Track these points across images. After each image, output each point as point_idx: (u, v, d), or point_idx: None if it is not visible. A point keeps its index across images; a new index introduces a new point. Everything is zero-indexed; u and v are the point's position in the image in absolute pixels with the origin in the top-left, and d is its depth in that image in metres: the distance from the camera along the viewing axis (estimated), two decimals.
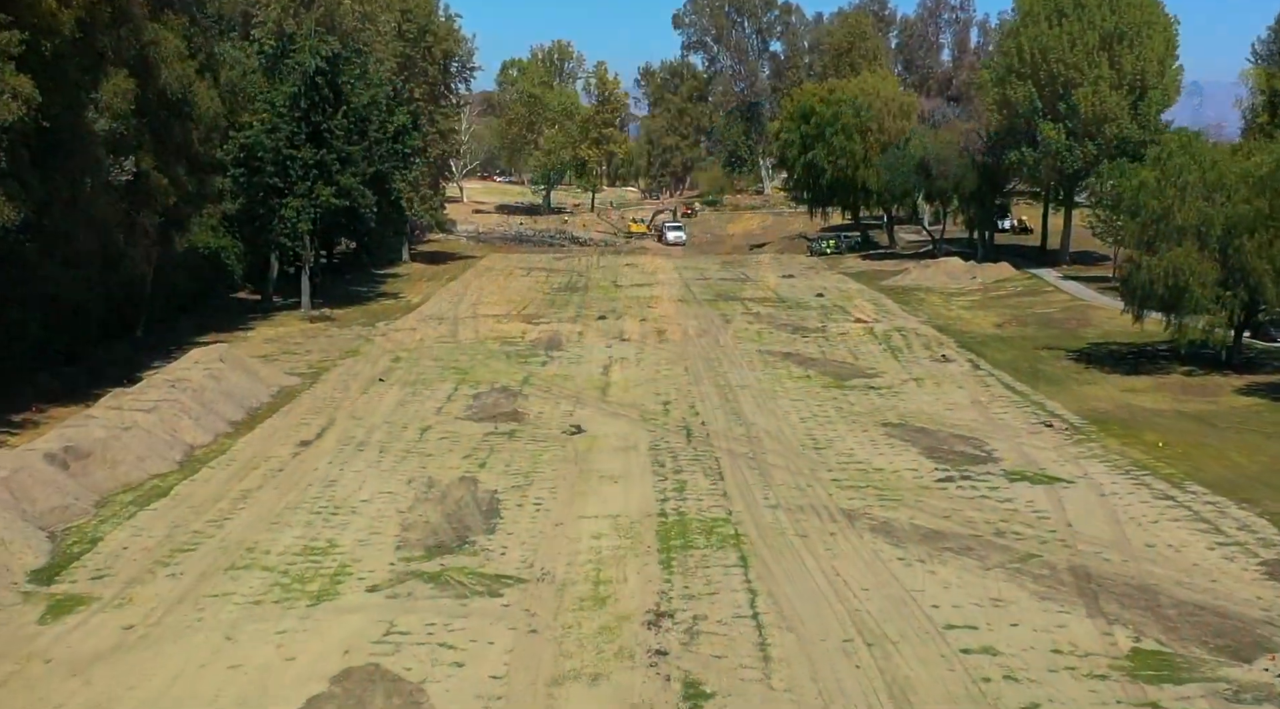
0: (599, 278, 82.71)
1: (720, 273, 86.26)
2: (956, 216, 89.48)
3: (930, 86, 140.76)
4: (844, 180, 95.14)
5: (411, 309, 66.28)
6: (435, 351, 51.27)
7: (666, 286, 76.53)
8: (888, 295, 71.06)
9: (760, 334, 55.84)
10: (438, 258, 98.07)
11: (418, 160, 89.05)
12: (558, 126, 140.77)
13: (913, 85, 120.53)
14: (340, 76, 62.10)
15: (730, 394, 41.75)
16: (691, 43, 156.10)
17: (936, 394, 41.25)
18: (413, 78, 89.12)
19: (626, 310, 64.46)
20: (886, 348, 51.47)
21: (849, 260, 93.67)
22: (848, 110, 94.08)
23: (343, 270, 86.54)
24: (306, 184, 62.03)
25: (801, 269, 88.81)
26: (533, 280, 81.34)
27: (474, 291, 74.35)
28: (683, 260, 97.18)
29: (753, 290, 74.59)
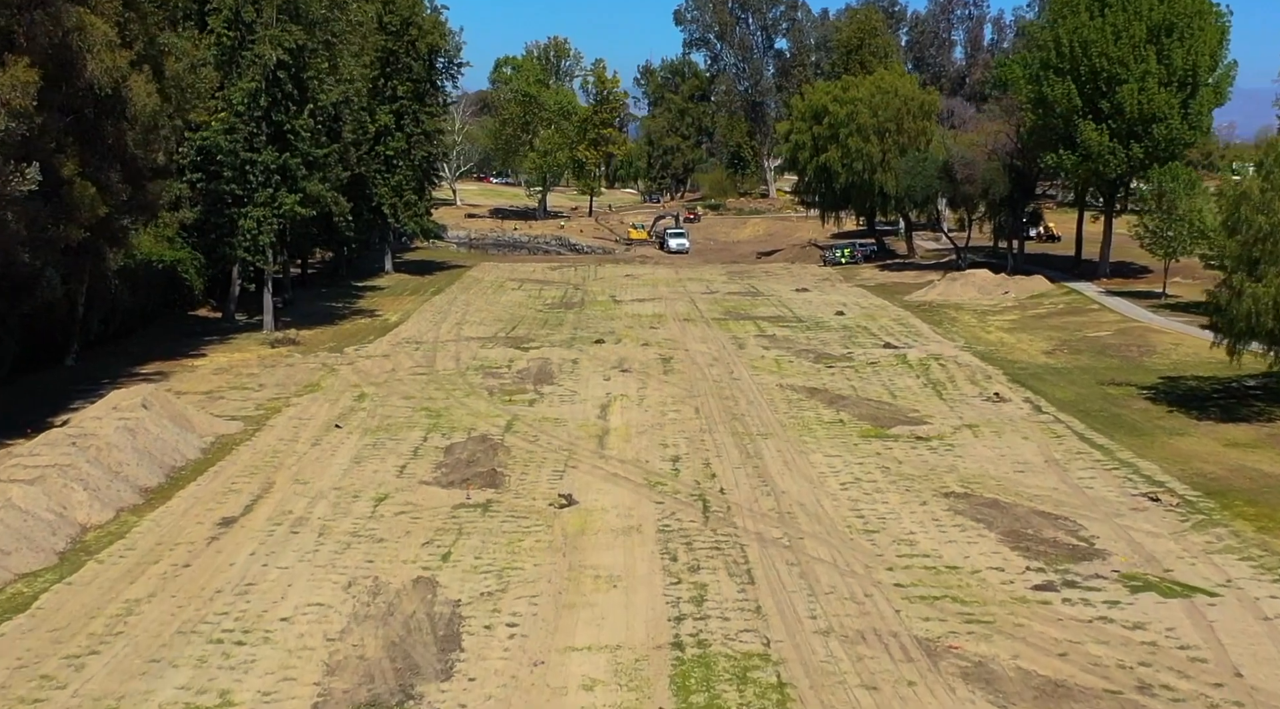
0: (597, 291, 75.74)
1: (728, 285, 79.29)
2: (982, 224, 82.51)
3: (943, 85, 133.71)
4: (859, 184, 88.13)
5: (387, 330, 59.26)
6: (407, 386, 44.27)
7: (670, 302, 69.53)
8: (914, 313, 64.06)
9: (779, 363, 48.86)
10: (425, 267, 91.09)
11: (400, 163, 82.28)
12: (554, 127, 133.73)
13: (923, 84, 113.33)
14: (306, 71, 55.08)
15: (751, 446, 34.79)
16: (694, 40, 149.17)
17: (999, 448, 34.26)
18: (395, 74, 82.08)
19: (627, 332, 57.47)
20: (926, 382, 44.47)
21: (865, 271, 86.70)
22: (864, 110, 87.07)
23: (318, 283, 79.62)
24: (268, 191, 55.04)
25: (815, 281, 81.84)
26: (524, 295, 74.32)
27: (459, 308, 67.32)
28: (686, 270, 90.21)
29: (765, 307, 67.60)
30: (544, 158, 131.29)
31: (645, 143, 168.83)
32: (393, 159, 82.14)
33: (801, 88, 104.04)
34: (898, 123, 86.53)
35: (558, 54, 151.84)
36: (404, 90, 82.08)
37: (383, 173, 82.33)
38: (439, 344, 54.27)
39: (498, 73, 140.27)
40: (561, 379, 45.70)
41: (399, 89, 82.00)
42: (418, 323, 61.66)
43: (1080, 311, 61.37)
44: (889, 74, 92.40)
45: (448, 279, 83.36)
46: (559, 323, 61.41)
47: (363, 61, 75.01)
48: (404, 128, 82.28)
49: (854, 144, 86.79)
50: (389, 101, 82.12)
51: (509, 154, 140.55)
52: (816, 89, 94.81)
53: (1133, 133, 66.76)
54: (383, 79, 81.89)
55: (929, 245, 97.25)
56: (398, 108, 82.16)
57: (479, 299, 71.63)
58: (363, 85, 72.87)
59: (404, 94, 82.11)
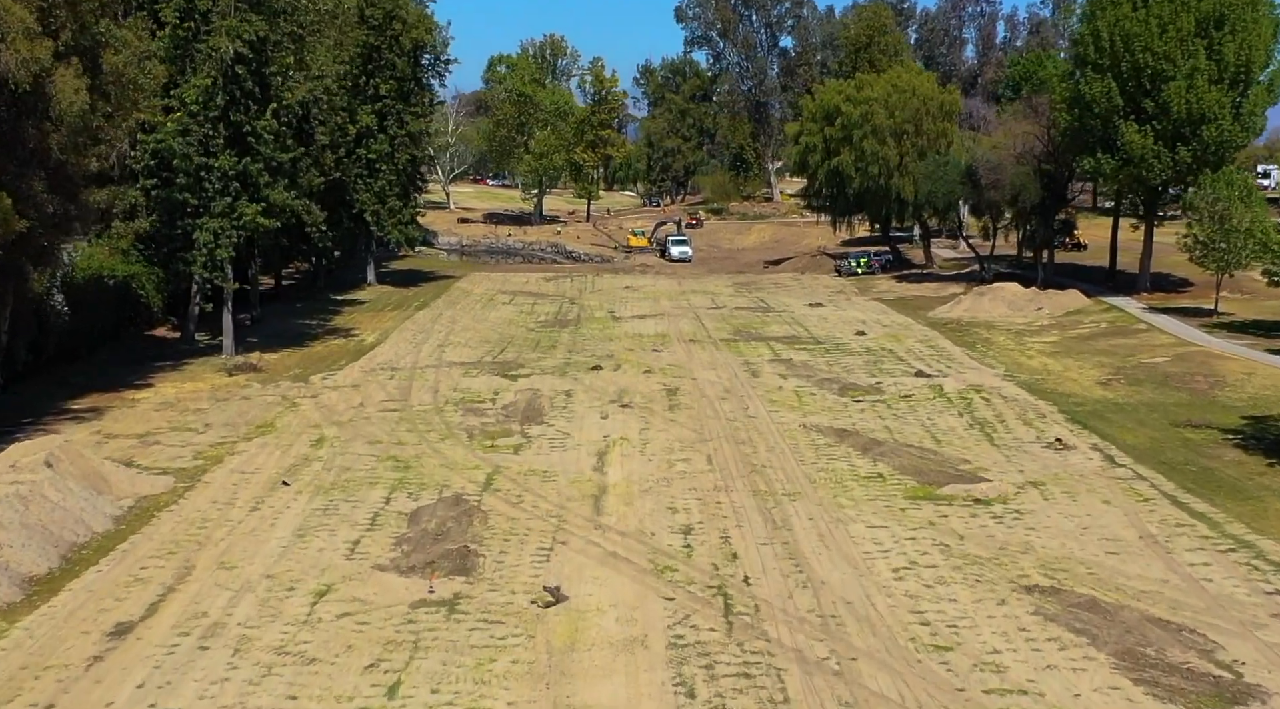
0: (594, 306, 69.77)
1: (735, 298, 73.33)
2: (1008, 233, 76.58)
3: (954, 84, 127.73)
4: (874, 189, 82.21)
5: (362, 353, 53.27)
6: (375, 427, 38.28)
7: (674, 319, 63.54)
8: (942, 333, 58.10)
9: (800, 396, 42.89)
10: (411, 278, 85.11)
11: (384, 167, 76.36)
12: (550, 128, 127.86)
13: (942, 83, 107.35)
14: (268, 66, 49.08)
15: (777, 510, 28.85)
16: (695, 38, 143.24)
17: (1077, 516, 28.29)
18: (378, 72, 76.12)
19: (627, 356, 51.51)
20: (971, 421, 38.51)
21: (881, 282, 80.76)
22: (879, 110, 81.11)
23: (294, 296, 73.67)
24: (226, 200, 49.04)
25: (828, 294, 75.88)
26: (515, 310, 68.32)
27: (443, 326, 61.31)
28: (690, 281, 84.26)
29: (777, 325, 61.61)
30: (540, 160, 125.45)
31: (645, 144, 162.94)
32: (375, 162, 76.25)
33: (812, 87, 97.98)
34: (916, 124, 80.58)
35: (554, 52, 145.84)
36: (387, 89, 76.14)
37: (364, 177, 76.47)
38: (417, 371, 48.27)
39: (491, 72, 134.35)
40: (553, 417, 39.73)
41: (382, 87, 76.09)
42: (396, 344, 55.65)
43: (1127, 332, 55.40)
44: (905, 72, 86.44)
45: (434, 291, 77.37)
46: (552, 344, 55.43)
47: (341, 57, 69.26)
48: (387, 129, 76.35)
49: (869, 147, 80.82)
50: (371, 101, 76.22)
51: (503, 156, 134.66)
52: (828, 88, 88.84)
53: (1179, 135, 60.85)
54: (364, 77, 76.01)
55: (946, 254, 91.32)
56: (380, 107, 76.25)
57: (466, 315, 65.61)
58: (336, 83, 67.21)
59: (387, 93, 76.18)
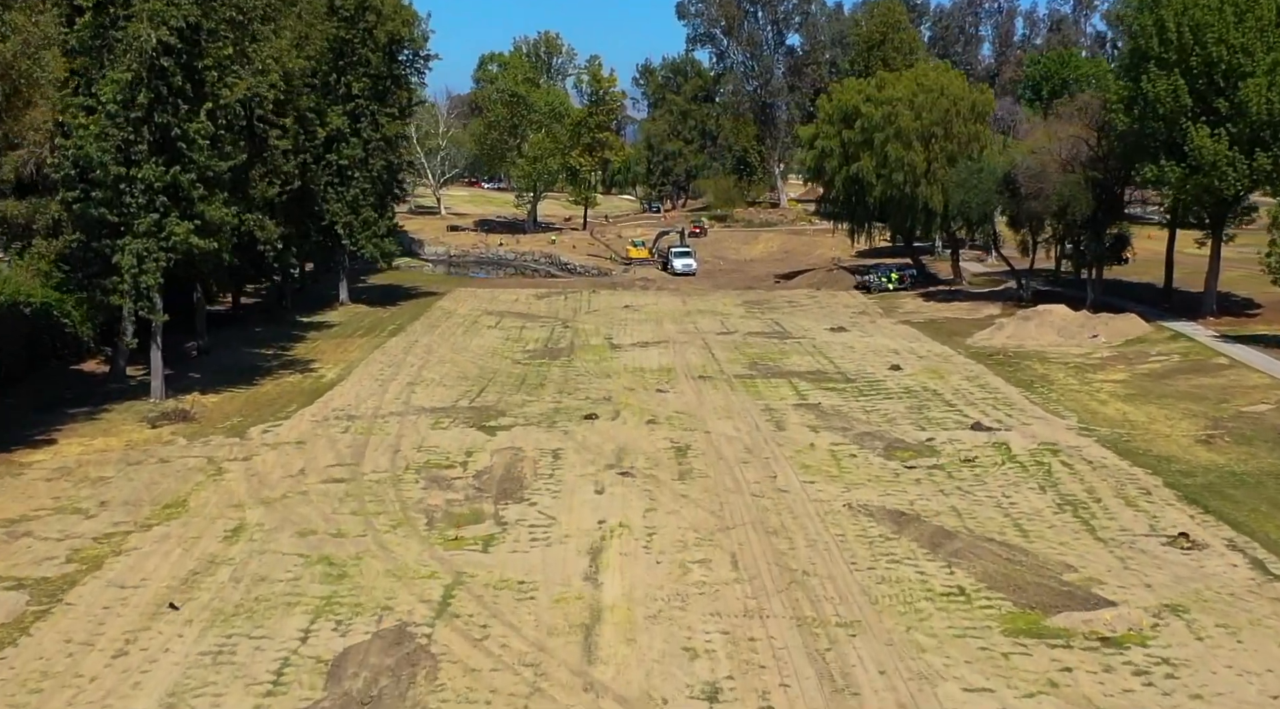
0: (589, 330, 61.88)
1: (747, 321, 65.42)
2: (1050, 247, 68.74)
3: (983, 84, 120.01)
4: (899, 199, 74.33)
5: (318, 394, 45.36)
6: (311, 507, 30.35)
7: (680, 348, 55.65)
8: (989, 367, 50.21)
9: (837, 457, 35.01)
10: (389, 295, 77.21)
11: (357, 174, 68.56)
12: (544, 130, 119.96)
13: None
14: (202, 59, 41.14)
15: (834, 655, 20.94)
16: (698, 35, 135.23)
17: (1250, 669, 20.38)
18: (350, 68, 68.22)
19: (627, 398, 43.63)
20: (1059, 499, 30.60)
21: (906, 301, 72.88)
22: (904, 111, 73.20)
23: (255, 319, 65.77)
24: (152, 217, 41.11)
25: (850, 315, 67.98)
26: (501, 335, 60.40)
27: (417, 357, 53.38)
28: (695, 298, 76.39)
29: (798, 355, 53.71)
30: (533, 164, 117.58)
31: (644, 147, 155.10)
32: (347, 169, 68.34)
33: (827, 86, 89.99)
34: (945, 127, 72.68)
35: (549, 50, 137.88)
36: (360, 87, 68.23)
37: (335, 186, 68.59)
38: (378, 420, 40.35)
39: (482, 71, 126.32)
40: (535, 490, 31.84)
41: (354, 86, 68.17)
42: (360, 382, 47.72)
43: (1207, 369, 47.49)
44: (932, 69, 78.46)
45: (413, 312, 69.44)
46: (539, 382, 47.52)
47: (307, 52, 61.43)
48: (361, 132, 68.42)
49: (893, 151, 72.89)
50: (342, 101, 68.34)
51: (495, 160, 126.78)
52: (846, 87, 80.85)
53: (1257, 139, 53.01)
54: (334, 74, 68.11)
55: (974, 268, 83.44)
56: (353, 108, 68.34)
57: (444, 343, 57.68)
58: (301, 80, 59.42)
59: (360, 92, 68.27)
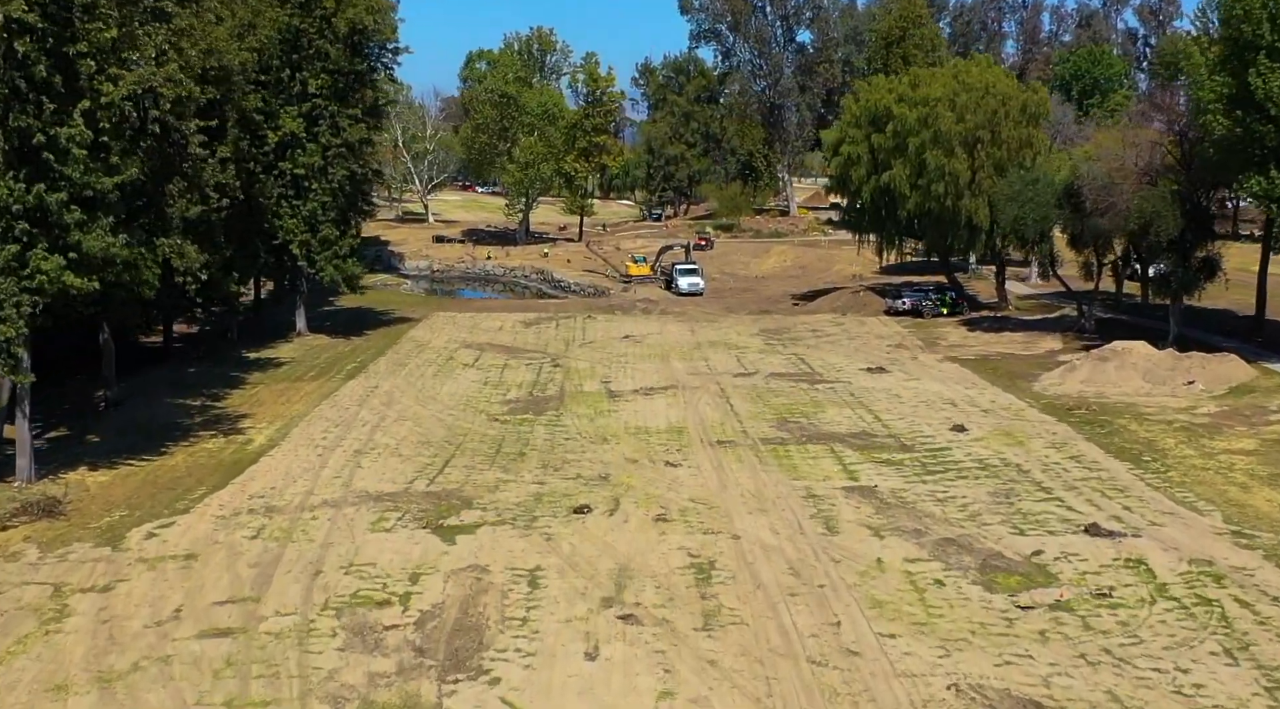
0: (583, 370, 52.12)
1: (767, 356, 55.63)
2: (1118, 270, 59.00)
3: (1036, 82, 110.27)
4: (938, 212, 64.57)
5: (239, 469, 35.54)
6: (167, 694, 20.56)
7: (691, 396, 45.88)
8: (1074, 426, 40.35)
9: (919, 587, 25.17)
10: (356, 321, 67.41)
11: (315, 186, 58.93)
12: (536, 133, 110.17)
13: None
14: (74, 43, 31.35)
15: None
16: (702, 32, 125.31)
17: None
18: (305, 63, 58.45)
19: (628, 478, 33.84)
20: (1256, 672, 20.90)
21: (949, 330, 63.10)
22: (944, 112, 63.43)
23: (194, 354, 56.01)
24: (11, 248, 31.36)
25: (885, 348, 58.19)
26: (478, 378, 50.60)
27: (372, 412, 43.58)
28: (705, 325, 66.62)
29: (835, 406, 43.90)
30: (525, 171, 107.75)
31: (644, 151, 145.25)
32: (303, 180, 58.58)
33: (854, 85, 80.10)
34: (992, 130, 62.91)
35: (542, 47, 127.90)
36: (317, 85, 58.37)
37: (289, 199, 58.85)
38: (304, 515, 30.55)
39: (469, 69, 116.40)
40: (501, 651, 22.03)
41: (310, 84, 58.36)
42: (294, 450, 37.89)
43: None
44: (974, 64, 68.54)
45: (379, 344, 59.64)
46: (519, 450, 37.72)
47: (248, 43, 51.84)
48: (319, 137, 58.64)
49: (932, 159, 63.10)
50: (297, 101, 58.61)
51: (483, 165, 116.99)
52: (875, 86, 71.00)
53: None
54: (287, 70, 58.36)
55: (1018, 290, 73.59)
56: (310, 109, 58.57)
57: (409, 390, 47.90)
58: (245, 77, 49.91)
59: (318, 91, 58.42)
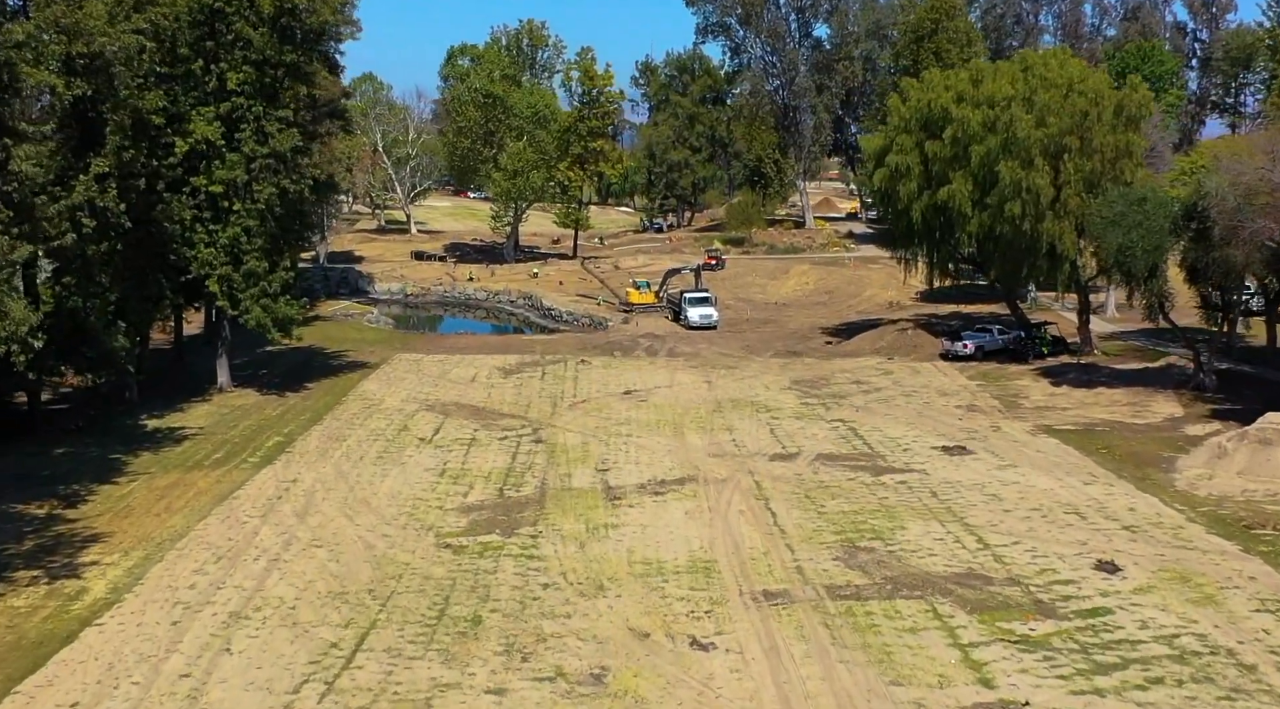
0: (572, 451, 39.43)
1: (810, 426, 42.87)
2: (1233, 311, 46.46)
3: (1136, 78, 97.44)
4: (1011, 237, 51.88)
5: (32, 664, 22.98)
6: None
7: (717, 498, 33.20)
8: (1272, 561, 27.88)
9: None
10: (300, 368, 54.79)
11: (238, 208, 46.39)
12: (526, 138, 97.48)
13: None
14: None
15: None
16: (710, 25, 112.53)
17: None
18: (223, 53, 45.91)
19: (633, 674, 21.19)
20: None
21: (1025, 382, 50.42)
22: (1020, 115, 50.78)
23: (82, 420, 43.48)
24: None
25: (956, 410, 45.41)
26: (435, 464, 37.84)
27: (277, 530, 30.85)
28: (724, 374, 53.94)
29: (916, 518, 31.15)
30: (513, 180, 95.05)
31: (645, 156, 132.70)
32: (221, 199, 46.03)
33: (900, 83, 67.29)
34: (1081, 136, 50.28)
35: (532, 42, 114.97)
36: (238, 80, 45.83)
37: (204, 223, 46.31)
38: None
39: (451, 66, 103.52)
40: None
41: (230, 79, 45.83)
42: (137, 615, 25.20)
43: None
44: (1051, 56, 55.61)
45: (318, 404, 47.00)
46: (473, 613, 24.99)
47: (134, 23, 39.55)
48: (240, 146, 46.07)
49: (1007, 172, 50.37)
50: (213, 100, 46.12)
51: (466, 172, 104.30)
52: (927, 83, 58.19)
53: None
54: (200, 61, 45.87)
55: (1101, 328, 60.92)
56: (230, 110, 46.05)
57: (338, 487, 35.23)
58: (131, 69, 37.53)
59: (239, 87, 45.90)
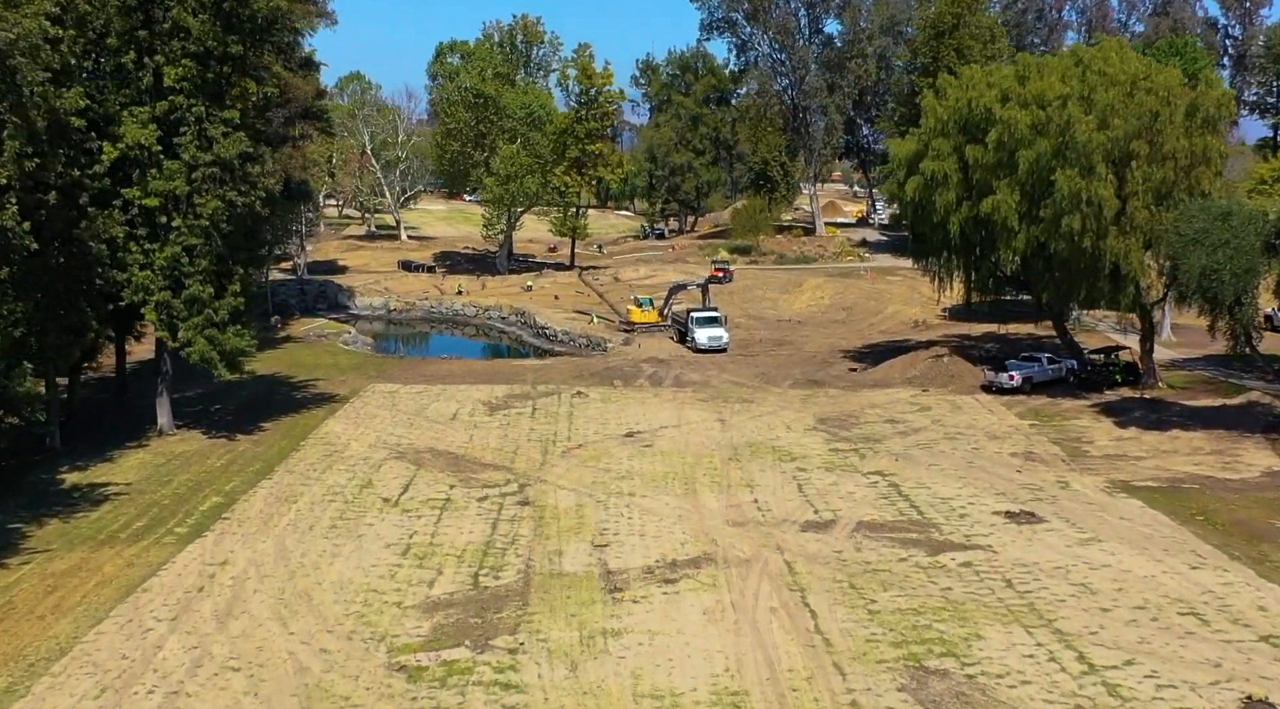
0: (565, 516, 32.66)
1: (842, 481, 36.21)
2: None
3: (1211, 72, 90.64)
4: (1069, 255, 45.18)
5: None
6: None
7: (742, 593, 26.44)
8: None
9: None
10: (259, 402, 48.12)
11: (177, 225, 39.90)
12: (519, 141, 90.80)
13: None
14: None
15: None
16: (714, 22, 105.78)
17: None
18: (160, 44, 39.25)
19: None
20: None
21: (1084, 421, 43.72)
22: (1078, 115, 44.09)
23: None
24: None
25: (1010, 460, 38.67)
26: (398, 538, 30.98)
27: (186, 643, 24.07)
28: (738, 405, 47.22)
29: (997, 626, 24.42)
30: (505, 185, 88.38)
31: (646, 159, 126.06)
32: (157, 214, 39.35)
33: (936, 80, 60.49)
34: (1150, 140, 43.59)
35: (527, 39, 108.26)
36: (177, 75, 39.16)
37: (139, 241, 39.65)
38: None
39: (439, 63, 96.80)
40: None
41: (168, 73, 39.16)
42: None
43: None
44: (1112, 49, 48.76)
45: (272, 451, 40.25)
46: None
47: (40, 5, 32.94)
48: (180, 152, 39.39)
49: (1064, 182, 43.57)
50: (149, 99, 39.48)
51: (456, 177, 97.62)
52: (967, 80, 51.39)
53: None
54: (131, 53, 39.23)
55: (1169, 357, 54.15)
56: (167, 110, 39.37)
57: (276, 574, 28.47)
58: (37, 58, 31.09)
59: (178, 83, 39.24)
